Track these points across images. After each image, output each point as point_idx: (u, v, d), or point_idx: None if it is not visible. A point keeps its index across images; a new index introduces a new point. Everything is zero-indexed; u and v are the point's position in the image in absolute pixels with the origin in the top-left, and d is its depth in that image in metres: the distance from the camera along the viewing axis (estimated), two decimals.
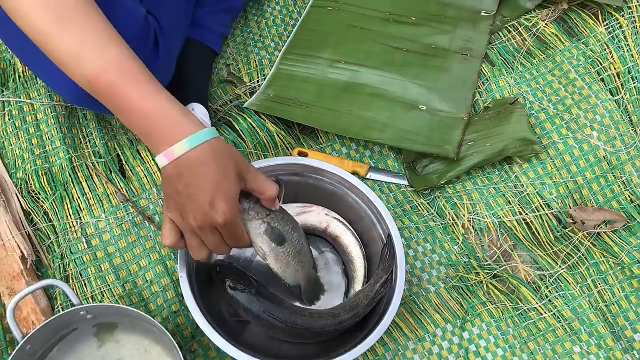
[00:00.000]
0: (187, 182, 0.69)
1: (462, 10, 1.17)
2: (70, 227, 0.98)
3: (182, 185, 0.69)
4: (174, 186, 0.70)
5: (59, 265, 0.96)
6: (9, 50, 1.12)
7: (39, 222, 0.98)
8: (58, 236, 0.98)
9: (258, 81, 1.15)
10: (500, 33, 1.18)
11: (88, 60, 0.68)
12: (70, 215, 0.99)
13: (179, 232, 0.74)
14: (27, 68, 1.09)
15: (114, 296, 0.94)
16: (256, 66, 1.17)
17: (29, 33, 0.70)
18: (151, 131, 0.69)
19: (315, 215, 0.96)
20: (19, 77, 1.09)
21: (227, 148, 0.71)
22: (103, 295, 0.94)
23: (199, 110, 1.02)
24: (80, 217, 0.99)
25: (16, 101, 1.07)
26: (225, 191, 0.70)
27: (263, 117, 1.08)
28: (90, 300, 0.94)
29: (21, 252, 0.94)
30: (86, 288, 0.95)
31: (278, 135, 1.07)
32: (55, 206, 0.99)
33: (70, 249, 0.97)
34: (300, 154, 1.07)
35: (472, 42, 1.14)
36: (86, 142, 1.05)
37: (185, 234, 0.74)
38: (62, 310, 0.92)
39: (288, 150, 1.07)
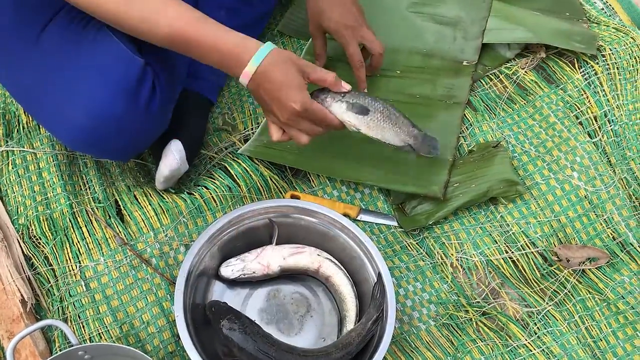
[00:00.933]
0: (265, 88, 0.89)
1: (444, 60, 1.23)
2: (70, 271, 1.01)
3: (264, 92, 0.89)
4: (260, 96, 0.91)
5: (58, 308, 0.98)
6: (14, 102, 1.17)
7: (39, 266, 1.01)
8: (58, 280, 1.00)
9: (252, 129, 1.20)
10: (482, 81, 1.24)
11: (159, 18, 0.85)
12: (70, 259, 1.01)
13: (281, 129, 0.94)
14: (31, 119, 1.14)
15: (112, 338, 0.96)
16: (250, 115, 1.22)
17: (104, 17, 0.86)
18: (227, 62, 0.88)
19: (307, 257, 0.99)
20: (23, 127, 1.14)
21: (284, 53, 0.89)
22: (101, 337, 0.96)
23: (174, 145, 1.06)
24: (79, 261, 1.01)
25: (20, 150, 1.11)
26: (291, 83, 0.88)
27: (257, 162, 1.12)
28: (88, 342, 0.95)
29: (21, 295, 0.97)
30: (84, 330, 0.97)
31: (271, 180, 1.11)
32: (55, 250, 1.02)
33: (69, 292, 0.99)
34: (293, 197, 1.11)
35: (454, 89, 1.20)
36: (86, 189, 1.09)
37: (285, 128, 0.93)
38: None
39: (281, 193, 1.11)
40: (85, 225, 1.04)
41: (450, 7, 1.27)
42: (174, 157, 1.05)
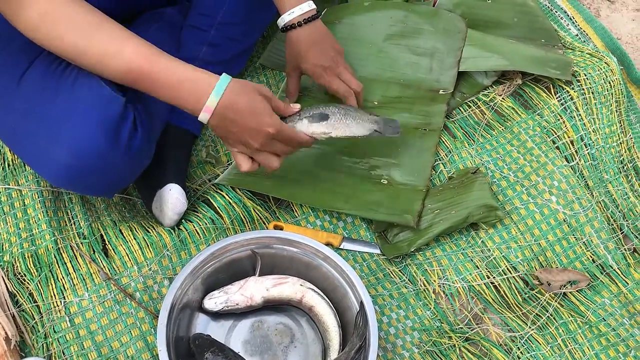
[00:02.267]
0: (233, 120, 0.90)
1: (420, 90, 1.25)
2: (55, 307, 1.01)
3: (231, 124, 0.90)
4: (225, 129, 0.92)
5: (43, 344, 0.98)
6: None
7: (24, 303, 1.01)
8: (42, 316, 1.01)
9: None
10: (461, 108, 1.27)
11: (116, 54, 0.87)
12: (54, 295, 1.02)
13: (249, 158, 0.97)
14: (16, 157, 1.15)
15: None
16: None
17: (64, 52, 0.88)
18: (184, 97, 0.89)
19: (290, 287, 1.00)
20: (8, 165, 1.15)
21: (243, 82, 0.92)
22: None
23: (175, 189, 1.08)
24: (64, 297, 1.02)
25: (5, 188, 1.12)
26: (262, 110, 0.92)
27: (240, 193, 1.13)
28: None
29: (5, 333, 0.97)
30: None
31: (254, 210, 1.13)
32: (40, 287, 1.03)
33: (53, 328, 1.00)
34: (276, 227, 1.12)
35: (430, 117, 1.22)
36: (71, 224, 1.10)
37: (255, 156, 0.96)
38: None
39: (265, 224, 1.12)
40: (70, 261, 1.05)
41: (427, 38, 1.30)
42: (179, 200, 1.07)
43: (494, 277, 1.09)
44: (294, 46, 1.13)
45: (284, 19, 1.11)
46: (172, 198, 1.07)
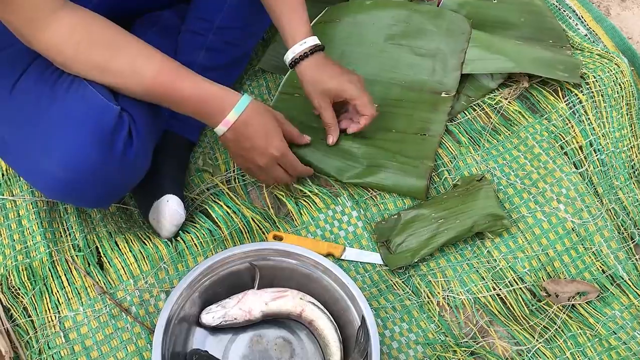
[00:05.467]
0: (247, 135, 0.96)
1: (422, 92, 1.21)
2: (49, 322, 0.99)
3: (244, 139, 0.97)
4: (239, 145, 0.98)
5: None
6: None
7: (18, 317, 0.99)
8: (37, 331, 0.98)
9: (234, 170, 1.18)
10: (466, 112, 1.23)
11: (144, 70, 0.89)
12: (49, 310, 1.00)
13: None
14: (9, 167, 1.13)
15: None
16: None
17: (89, 72, 0.88)
18: (206, 111, 0.94)
19: (290, 300, 0.97)
20: (2, 175, 1.13)
21: (263, 105, 0.99)
22: None
23: (173, 201, 1.05)
24: (59, 311, 1.00)
25: None
26: (273, 132, 0.99)
27: (238, 203, 1.11)
28: None
29: None
30: None
31: (253, 220, 1.10)
32: (34, 301, 1.00)
33: (48, 344, 0.97)
34: (276, 237, 1.09)
35: (430, 123, 1.18)
36: (66, 236, 1.07)
37: (257, 174, 1.05)
38: None
39: (264, 234, 1.10)
40: (65, 274, 1.02)
41: (429, 39, 1.26)
42: (177, 212, 1.05)
43: (500, 289, 1.05)
44: (311, 72, 1.06)
45: (295, 50, 1.06)
46: (170, 209, 1.05)
